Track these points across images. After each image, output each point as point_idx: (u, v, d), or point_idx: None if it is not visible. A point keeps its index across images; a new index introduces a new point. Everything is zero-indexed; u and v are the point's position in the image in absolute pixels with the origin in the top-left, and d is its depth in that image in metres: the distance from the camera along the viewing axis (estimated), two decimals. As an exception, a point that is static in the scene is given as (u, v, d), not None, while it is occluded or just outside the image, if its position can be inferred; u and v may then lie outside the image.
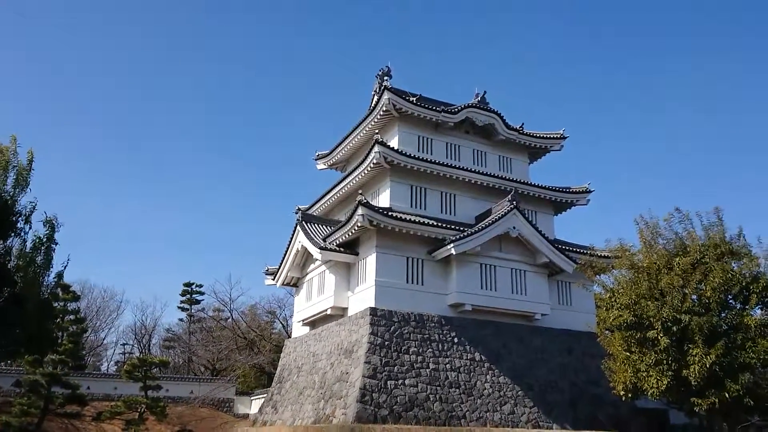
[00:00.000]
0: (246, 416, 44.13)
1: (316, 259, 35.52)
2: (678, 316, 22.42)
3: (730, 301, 23.92)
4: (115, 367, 71.86)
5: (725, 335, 22.66)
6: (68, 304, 39.36)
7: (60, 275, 22.20)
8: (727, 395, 22.05)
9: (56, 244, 21.39)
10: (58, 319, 39.11)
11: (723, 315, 23.50)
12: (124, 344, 75.98)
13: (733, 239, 24.52)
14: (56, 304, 38.77)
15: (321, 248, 33.33)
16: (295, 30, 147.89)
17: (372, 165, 33.84)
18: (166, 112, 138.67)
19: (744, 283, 23.41)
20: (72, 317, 39.41)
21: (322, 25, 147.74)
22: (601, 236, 45.82)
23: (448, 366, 30.75)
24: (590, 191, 39.31)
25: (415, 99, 36.67)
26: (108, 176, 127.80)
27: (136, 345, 74.82)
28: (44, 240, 20.96)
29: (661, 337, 22.37)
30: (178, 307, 66.94)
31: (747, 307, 23.53)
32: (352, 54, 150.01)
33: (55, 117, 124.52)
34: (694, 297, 23.28)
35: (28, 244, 20.70)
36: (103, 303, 71.59)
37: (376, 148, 33.17)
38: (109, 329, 74.58)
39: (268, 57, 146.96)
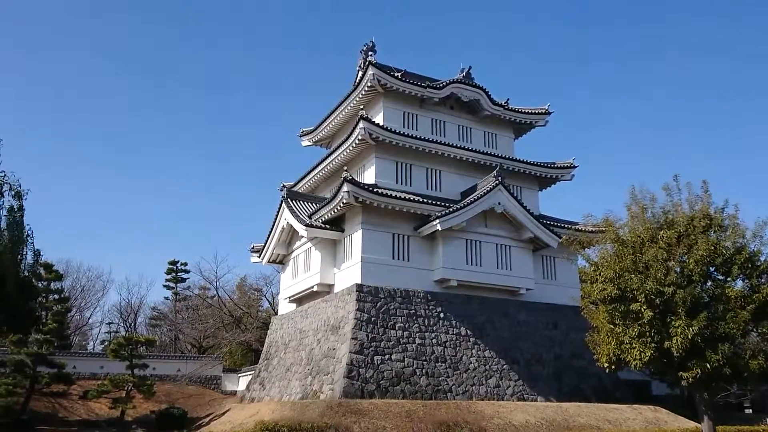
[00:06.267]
0: (233, 393, 44.26)
1: (302, 236, 35.46)
2: (661, 289, 22.61)
3: (713, 272, 24.15)
4: (101, 346, 71.51)
5: (707, 307, 22.94)
6: (51, 284, 39.03)
7: (38, 253, 21.82)
8: (707, 366, 22.42)
9: (23, 210, 20.65)
10: (42, 299, 38.81)
11: (705, 287, 23.75)
12: (109, 323, 75.46)
13: (717, 211, 24.63)
14: (39, 284, 38.45)
15: (307, 225, 33.25)
16: (283, 2, 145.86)
17: (357, 141, 33.65)
18: (147, 86, 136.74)
19: (727, 255, 23.62)
20: (56, 297, 39.10)
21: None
22: (589, 209, 46.13)
23: (434, 341, 30.99)
24: (575, 166, 39.47)
25: (399, 74, 36.37)
26: (90, 152, 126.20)
27: (121, 324, 74.45)
28: (15, 211, 20.31)
29: (645, 309, 22.58)
30: (164, 286, 66.60)
31: (729, 278, 23.76)
32: (340, 27, 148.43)
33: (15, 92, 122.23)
34: (677, 269, 23.47)
35: (2, 222, 20.20)
36: (88, 282, 71.08)
37: (361, 125, 32.95)
38: (95, 308, 74.17)
39: (254, 28, 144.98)
